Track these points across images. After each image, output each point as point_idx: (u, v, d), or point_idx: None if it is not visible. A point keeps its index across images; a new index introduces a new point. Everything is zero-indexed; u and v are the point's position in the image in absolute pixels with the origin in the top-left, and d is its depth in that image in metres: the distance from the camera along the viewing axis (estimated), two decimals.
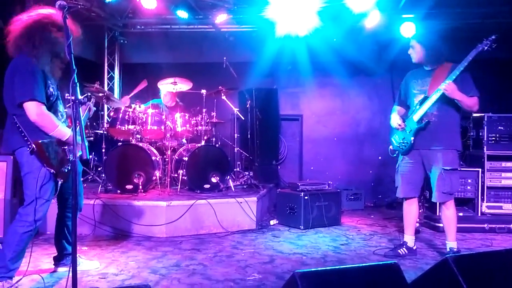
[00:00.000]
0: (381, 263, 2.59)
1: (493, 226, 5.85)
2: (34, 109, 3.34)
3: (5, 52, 3.50)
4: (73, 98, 2.88)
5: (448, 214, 4.51)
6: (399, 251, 4.64)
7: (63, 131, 3.49)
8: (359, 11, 7.30)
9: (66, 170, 3.52)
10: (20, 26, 3.49)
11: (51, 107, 3.56)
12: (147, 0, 7.31)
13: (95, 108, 4.18)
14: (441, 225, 5.82)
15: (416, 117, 4.47)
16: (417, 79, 4.64)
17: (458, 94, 4.23)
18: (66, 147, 3.53)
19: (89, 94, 4.44)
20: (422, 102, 4.45)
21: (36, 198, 3.41)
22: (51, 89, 3.53)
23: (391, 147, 4.80)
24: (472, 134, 6.72)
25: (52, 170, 3.43)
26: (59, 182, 3.53)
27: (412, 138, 4.49)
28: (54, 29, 3.51)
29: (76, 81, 2.92)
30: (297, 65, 8.71)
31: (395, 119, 4.67)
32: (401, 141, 4.61)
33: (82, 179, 4.23)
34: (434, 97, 4.34)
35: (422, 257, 4.63)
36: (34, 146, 3.33)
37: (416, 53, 4.59)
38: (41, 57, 3.48)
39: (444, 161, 4.37)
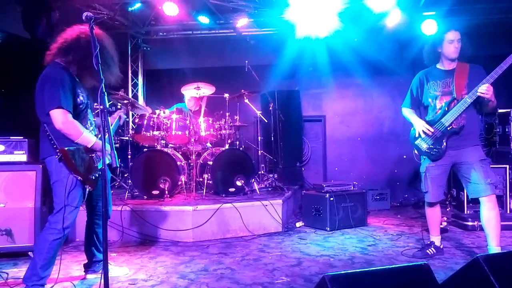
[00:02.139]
0: (411, 264, 2.56)
1: None
2: (59, 117, 3.41)
3: (34, 63, 3.59)
4: (101, 107, 2.94)
5: (494, 214, 4.14)
6: (427, 251, 4.59)
7: (88, 137, 3.55)
8: (379, 10, 7.25)
9: (93, 178, 3.58)
10: (61, 39, 3.63)
11: (80, 115, 3.64)
12: (169, 7, 7.40)
13: (125, 117, 4.25)
14: (469, 223, 5.78)
15: (447, 121, 4.23)
16: (436, 80, 4.41)
17: (493, 96, 4.06)
18: (93, 155, 3.60)
19: (120, 105, 4.52)
20: (449, 104, 4.24)
21: (64, 206, 3.47)
22: (81, 98, 3.61)
23: (416, 152, 4.54)
24: (498, 130, 6.65)
25: (79, 177, 3.49)
26: (87, 189, 3.60)
27: (445, 144, 4.27)
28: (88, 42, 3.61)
29: (104, 90, 2.98)
30: (318, 66, 8.71)
31: (422, 124, 4.39)
32: (431, 146, 4.33)
33: (109, 185, 4.28)
34: (469, 100, 4.11)
35: (451, 257, 4.57)
36: (60, 153, 3.41)
37: (459, 47, 4.28)
38: (73, 66, 3.59)
39: (478, 155, 4.23)
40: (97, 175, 3.61)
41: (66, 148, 3.40)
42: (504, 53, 4.13)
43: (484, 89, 4.00)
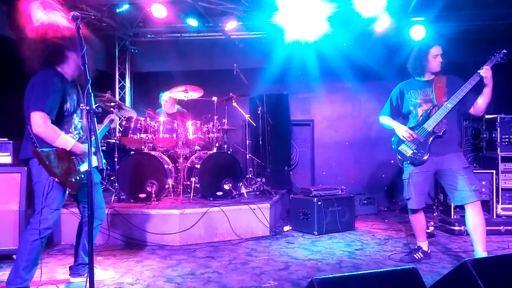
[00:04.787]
0: (399, 268, 2.56)
1: (509, 228, 5.81)
2: (37, 121, 3.35)
3: (19, 64, 3.52)
4: (87, 108, 2.90)
5: (480, 219, 4.18)
6: (414, 255, 4.61)
7: (66, 140, 3.48)
8: (368, 15, 7.28)
9: (73, 180, 3.50)
10: (38, 41, 3.54)
11: (64, 120, 3.58)
12: (157, 9, 7.39)
13: (118, 119, 4.21)
14: (456, 228, 5.82)
15: (429, 126, 4.33)
16: (416, 89, 4.55)
17: (491, 81, 4.17)
18: (74, 157, 3.54)
19: (113, 110, 4.48)
20: (431, 110, 4.38)
21: (43, 207, 3.43)
22: (68, 105, 3.57)
23: (399, 157, 4.58)
24: (485, 136, 6.69)
25: (56, 179, 3.43)
26: (67, 192, 3.55)
27: (429, 147, 4.33)
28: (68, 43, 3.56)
29: (91, 91, 2.94)
30: (307, 70, 8.73)
31: (403, 129, 4.50)
32: (415, 151, 4.39)
33: (100, 189, 4.23)
34: (449, 106, 4.25)
35: (438, 261, 4.59)
36: (34, 155, 3.36)
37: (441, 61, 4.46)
38: (62, 71, 3.57)
39: (462, 162, 4.31)
40: (78, 178, 3.55)
41: (39, 150, 3.34)
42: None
43: (481, 72, 4.15)
